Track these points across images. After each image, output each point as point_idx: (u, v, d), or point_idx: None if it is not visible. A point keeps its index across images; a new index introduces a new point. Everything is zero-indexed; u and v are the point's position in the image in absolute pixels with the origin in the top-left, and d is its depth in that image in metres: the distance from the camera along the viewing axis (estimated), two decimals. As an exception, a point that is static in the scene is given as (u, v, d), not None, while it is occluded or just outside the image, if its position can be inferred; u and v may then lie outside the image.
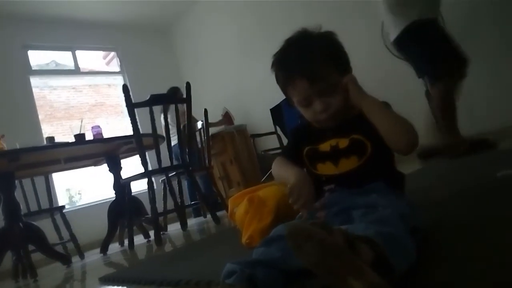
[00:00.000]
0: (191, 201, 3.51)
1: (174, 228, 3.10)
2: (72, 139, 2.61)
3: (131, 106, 2.30)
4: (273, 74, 0.90)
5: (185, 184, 3.67)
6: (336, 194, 0.80)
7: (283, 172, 0.87)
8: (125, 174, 2.81)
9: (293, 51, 0.85)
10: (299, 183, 0.77)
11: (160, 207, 2.64)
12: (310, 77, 0.80)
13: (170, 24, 5.61)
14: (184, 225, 2.58)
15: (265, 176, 3.38)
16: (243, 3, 4.53)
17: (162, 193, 2.98)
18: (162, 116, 2.88)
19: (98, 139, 2.70)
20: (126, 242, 2.64)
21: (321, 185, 0.84)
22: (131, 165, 3.32)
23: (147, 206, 2.62)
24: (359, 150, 0.81)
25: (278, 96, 2.83)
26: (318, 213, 0.77)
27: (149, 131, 2.42)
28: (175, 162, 2.68)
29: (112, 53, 5.39)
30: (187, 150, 2.72)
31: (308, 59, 0.82)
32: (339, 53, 0.87)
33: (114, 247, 2.92)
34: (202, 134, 3.06)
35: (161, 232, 2.58)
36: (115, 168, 2.89)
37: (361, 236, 0.53)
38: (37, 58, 4.68)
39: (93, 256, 2.90)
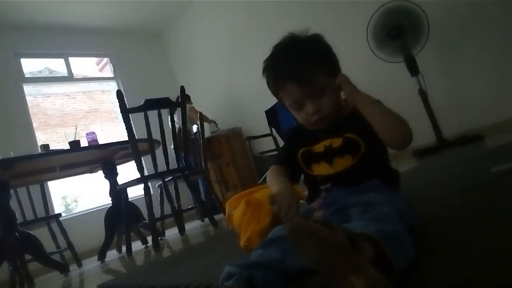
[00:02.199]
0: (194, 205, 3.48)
1: (172, 233, 3.08)
2: (66, 147, 2.59)
3: (125, 112, 2.29)
4: (265, 80, 0.90)
5: (185, 188, 3.66)
6: (333, 193, 0.80)
7: (272, 185, 0.88)
8: (121, 180, 2.79)
9: (282, 56, 0.86)
10: (281, 193, 0.77)
11: (157, 212, 2.63)
12: (300, 80, 0.80)
13: (163, 29, 5.61)
14: (182, 230, 2.57)
15: (262, 178, 3.38)
16: (236, 6, 4.54)
17: (159, 198, 2.97)
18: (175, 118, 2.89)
19: (93, 145, 2.69)
20: (124, 248, 2.62)
21: (317, 185, 0.84)
22: (127, 171, 3.31)
23: (144, 212, 2.60)
24: (353, 148, 0.82)
25: (273, 98, 2.84)
26: (315, 213, 0.77)
27: (145, 136, 2.42)
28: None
29: (105, 59, 5.37)
30: (183, 154, 2.72)
31: (297, 63, 0.82)
32: (328, 54, 0.87)
33: (112, 254, 2.90)
34: (198, 138, 3.06)
35: (159, 238, 2.57)
36: (111, 175, 2.88)
37: (362, 233, 0.53)
38: (30, 65, 4.65)
39: (91, 263, 2.88)
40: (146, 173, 2.45)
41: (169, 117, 2.62)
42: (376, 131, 0.77)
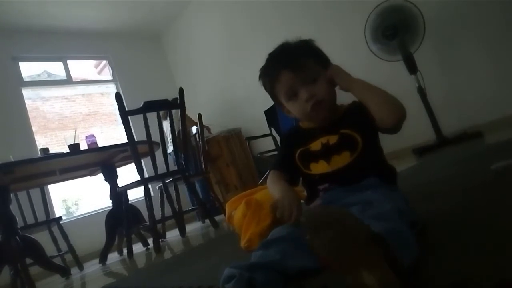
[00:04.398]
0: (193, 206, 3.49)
1: (173, 234, 3.08)
2: (66, 150, 2.59)
3: (124, 114, 2.29)
4: (262, 86, 0.94)
5: (185, 190, 3.67)
6: (331, 193, 0.80)
7: (272, 190, 0.88)
8: (121, 182, 2.79)
9: (275, 58, 0.90)
10: (282, 198, 0.77)
11: (158, 214, 2.63)
12: (293, 67, 0.84)
13: (161, 30, 5.61)
14: (182, 231, 2.57)
15: (262, 179, 3.38)
16: (233, 6, 4.54)
17: (160, 200, 2.96)
18: (167, 121, 2.89)
19: (93, 148, 2.69)
20: (125, 251, 2.62)
21: (316, 185, 0.84)
22: (127, 173, 3.31)
23: (145, 214, 2.60)
24: (350, 145, 0.82)
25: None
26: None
27: (144, 138, 2.41)
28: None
29: (104, 62, 5.37)
30: (183, 155, 2.72)
31: (288, 55, 0.87)
32: (318, 51, 0.91)
33: (113, 257, 2.90)
34: (197, 139, 3.06)
35: (160, 240, 2.56)
36: (111, 177, 2.87)
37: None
38: (28, 69, 4.65)
39: (92, 266, 2.88)
40: (146, 175, 2.45)
41: (168, 119, 2.62)
42: (371, 110, 0.81)
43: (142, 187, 2.40)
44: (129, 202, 2.76)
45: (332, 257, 0.48)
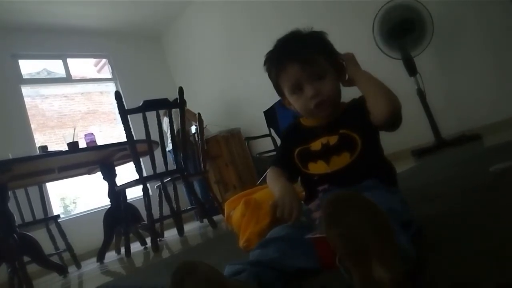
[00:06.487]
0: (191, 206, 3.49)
1: (171, 234, 3.08)
2: (65, 148, 2.58)
3: (124, 113, 2.29)
4: (266, 73, 0.91)
5: (183, 189, 3.67)
6: (330, 194, 0.80)
7: (273, 187, 0.87)
8: (120, 181, 2.79)
9: (284, 45, 0.88)
10: (282, 196, 0.77)
11: (156, 213, 2.62)
12: (301, 60, 0.82)
13: (161, 30, 5.60)
14: (180, 231, 2.57)
15: (261, 179, 3.38)
16: (233, 6, 4.54)
17: (158, 199, 2.96)
18: (167, 120, 2.89)
19: (92, 146, 2.68)
20: (122, 250, 2.62)
21: (314, 186, 0.84)
22: (126, 172, 3.30)
23: (143, 213, 2.60)
24: (349, 145, 0.82)
25: (271, 99, 2.84)
26: (314, 213, 0.77)
27: (143, 137, 2.41)
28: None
29: (104, 60, 5.36)
30: (181, 155, 2.71)
31: (299, 46, 0.85)
32: (329, 46, 0.89)
33: (111, 256, 2.89)
34: (197, 138, 3.06)
35: (158, 239, 2.56)
36: (109, 176, 2.87)
37: None
38: (28, 67, 4.64)
39: (90, 265, 2.87)
40: (144, 174, 2.45)
41: (168, 118, 2.62)
42: (367, 101, 0.81)
43: (141, 186, 2.40)
44: (128, 201, 2.76)
45: (347, 245, 0.45)
